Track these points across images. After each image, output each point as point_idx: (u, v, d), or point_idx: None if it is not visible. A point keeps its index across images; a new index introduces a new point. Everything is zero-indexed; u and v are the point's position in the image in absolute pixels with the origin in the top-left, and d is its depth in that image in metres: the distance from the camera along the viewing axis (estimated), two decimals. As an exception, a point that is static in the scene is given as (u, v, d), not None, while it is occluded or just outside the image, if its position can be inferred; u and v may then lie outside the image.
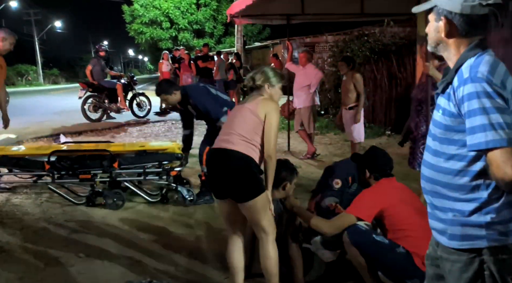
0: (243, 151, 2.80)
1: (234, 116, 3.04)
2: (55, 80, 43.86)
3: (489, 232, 1.64)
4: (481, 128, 1.53)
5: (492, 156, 1.53)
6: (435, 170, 1.76)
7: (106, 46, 12.32)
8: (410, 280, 2.74)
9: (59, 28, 52.18)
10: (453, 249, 1.72)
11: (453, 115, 1.67)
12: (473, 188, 1.65)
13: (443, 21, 1.72)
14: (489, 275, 1.66)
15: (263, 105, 2.92)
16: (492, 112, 1.52)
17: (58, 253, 3.89)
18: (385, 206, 2.83)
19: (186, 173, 5.66)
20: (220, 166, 2.87)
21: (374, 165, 3.12)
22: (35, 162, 4.93)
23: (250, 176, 2.81)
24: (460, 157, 1.67)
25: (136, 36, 30.00)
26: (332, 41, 13.15)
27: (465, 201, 1.67)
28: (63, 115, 12.35)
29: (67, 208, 5.07)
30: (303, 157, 7.46)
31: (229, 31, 29.04)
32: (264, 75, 3.06)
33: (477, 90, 1.56)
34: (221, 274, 3.47)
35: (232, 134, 2.87)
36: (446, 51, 1.76)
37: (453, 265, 1.73)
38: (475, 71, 1.59)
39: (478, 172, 1.64)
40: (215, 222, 4.59)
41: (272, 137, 2.86)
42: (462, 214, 1.68)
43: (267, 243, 2.90)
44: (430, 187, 1.79)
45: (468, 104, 1.58)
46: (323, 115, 11.66)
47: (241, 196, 2.82)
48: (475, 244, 1.66)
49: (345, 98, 6.68)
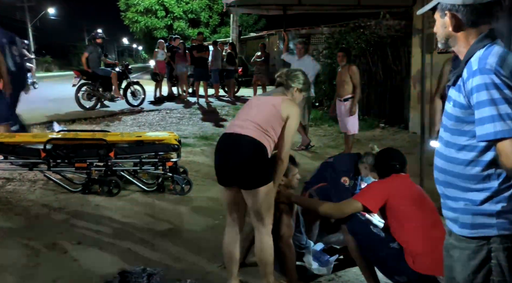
0: (257, 138, 2.77)
1: (253, 106, 3.03)
2: (48, 67, 43.46)
3: (499, 221, 1.68)
4: (490, 119, 1.56)
5: (501, 147, 1.56)
6: (447, 160, 1.79)
7: (102, 33, 12.21)
8: (399, 276, 2.80)
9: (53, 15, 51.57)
10: (463, 237, 1.76)
11: (463, 106, 1.70)
12: (484, 178, 1.69)
13: (447, 15, 1.75)
14: (496, 264, 1.70)
15: (288, 106, 2.93)
16: (501, 103, 1.55)
17: (52, 240, 3.91)
18: (389, 198, 2.87)
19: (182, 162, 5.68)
20: (231, 150, 2.82)
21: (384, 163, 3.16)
22: (31, 149, 4.92)
23: (261, 162, 2.78)
24: (471, 148, 1.71)
25: (130, 24, 29.78)
26: (328, 33, 13.13)
27: (477, 190, 1.71)
28: (56, 103, 12.27)
29: (61, 195, 5.09)
30: (297, 148, 7.49)
31: (224, 21, 28.91)
32: (298, 78, 3.11)
33: (485, 82, 1.59)
34: (215, 263, 3.51)
35: (248, 121, 2.86)
36: (456, 45, 1.80)
37: (462, 253, 1.78)
38: (484, 63, 1.62)
39: (489, 162, 1.67)
40: (209, 212, 4.63)
41: (290, 141, 2.90)
42: (473, 203, 1.72)
43: (264, 234, 2.92)
44: (443, 178, 1.83)
45: (477, 96, 1.60)
46: (317, 106, 11.70)
47: (249, 182, 2.80)
48: (485, 232, 1.70)
49: (341, 90, 6.71)
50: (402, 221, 2.83)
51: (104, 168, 5.01)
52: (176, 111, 11.60)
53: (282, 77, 3.12)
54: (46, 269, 3.44)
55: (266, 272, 2.98)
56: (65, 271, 3.41)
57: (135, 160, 5.06)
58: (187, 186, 5.19)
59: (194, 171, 6.05)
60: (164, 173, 5.10)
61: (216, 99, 14.19)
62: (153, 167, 5.07)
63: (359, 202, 2.91)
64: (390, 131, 9.26)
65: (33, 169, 5.02)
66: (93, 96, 11.33)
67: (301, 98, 3.17)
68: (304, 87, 3.13)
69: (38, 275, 3.34)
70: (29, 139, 5.16)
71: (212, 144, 7.46)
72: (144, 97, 12.20)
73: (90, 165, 4.95)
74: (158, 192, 5.22)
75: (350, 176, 3.87)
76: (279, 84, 3.14)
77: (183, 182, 5.16)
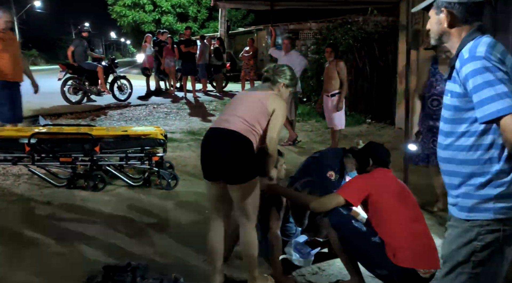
0: (243, 133, 2.79)
1: (239, 101, 3.06)
2: (34, 61, 42.90)
3: (496, 205, 1.77)
4: (490, 99, 1.65)
5: (504, 123, 1.64)
6: (450, 149, 1.88)
7: (88, 27, 12.09)
8: (380, 269, 2.84)
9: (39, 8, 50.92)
10: (460, 219, 1.86)
11: (460, 95, 1.80)
12: (486, 161, 1.79)
13: (444, 12, 1.87)
14: (481, 245, 1.80)
15: (274, 100, 2.96)
16: (497, 84, 1.66)
17: (35, 235, 3.89)
18: (371, 192, 2.90)
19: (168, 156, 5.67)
20: (218, 144, 2.83)
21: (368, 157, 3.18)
22: (15, 144, 4.87)
23: (247, 157, 2.80)
24: (470, 133, 1.80)
25: (118, 18, 29.57)
26: (316, 29, 13.15)
27: (479, 175, 1.79)
28: (42, 97, 12.03)
29: (46, 190, 5.06)
30: (284, 143, 7.52)
31: (213, 16, 28.81)
32: (285, 73, 3.12)
33: (478, 67, 1.70)
34: (200, 257, 3.52)
35: (235, 116, 2.87)
36: (450, 41, 1.92)
37: (453, 230, 1.90)
38: (474, 51, 1.75)
39: (489, 145, 1.77)
40: (195, 207, 4.64)
41: (277, 134, 2.92)
42: (474, 187, 1.81)
43: (248, 229, 2.94)
44: (447, 167, 1.92)
45: (472, 81, 1.71)
46: (305, 102, 11.73)
47: (235, 177, 2.80)
48: (482, 216, 1.80)
49: (328, 85, 6.73)
50: (384, 215, 2.86)
51: (90, 162, 4.99)
52: (164, 106, 11.55)
53: (269, 72, 3.14)
54: (30, 264, 3.42)
55: (251, 266, 3.01)
56: (49, 266, 3.39)
57: (121, 155, 5.03)
58: (173, 181, 5.20)
59: (181, 166, 6.05)
60: (150, 167, 5.09)
61: (204, 94, 14.14)
62: (139, 162, 5.05)
63: (341, 196, 2.95)
64: (376, 126, 9.33)
65: (17, 163, 4.97)
66: (79, 90, 11.23)
67: (288, 93, 3.19)
68: (291, 82, 3.15)
69: (22, 270, 3.32)
70: (13, 133, 5.10)
71: (199, 139, 7.44)
72: (131, 92, 12.13)
73: (75, 159, 4.92)
74: (144, 187, 5.21)
75: (336, 170, 3.90)
76: (266, 79, 3.16)
77: (169, 177, 5.15)
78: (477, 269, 1.82)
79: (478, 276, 1.83)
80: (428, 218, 3.87)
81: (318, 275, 3.33)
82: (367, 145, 3.34)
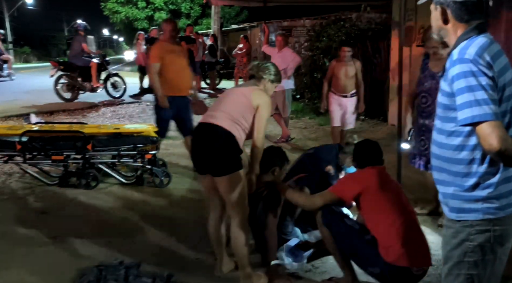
0: (226, 128, 2.90)
1: (225, 96, 3.19)
2: (26, 58, 42.55)
3: (485, 206, 1.79)
4: (468, 104, 1.67)
5: (479, 130, 1.65)
6: (440, 146, 1.90)
7: (86, 25, 11.91)
8: (372, 267, 2.84)
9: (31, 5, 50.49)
10: (452, 219, 1.88)
11: (448, 94, 1.81)
12: (470, 161, 1.79)
13: (438, 9, 1.87)
14: (473, 246, 1.82)
15: (258, 95, 3.07)
16: (477, 90, 1.66)
17: (27, 234, 3.87)
18: (363, 189, 2.90)
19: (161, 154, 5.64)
20: (203, 139, 2.97)
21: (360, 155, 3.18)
22: (6, 142, 4.83)
23: (228, 151, 2.90)
24: (458, 133, 1.81)
25: (111, 15, 29.33)
26: (309, 25, 13.13)
27: (464, 175, 1.81)
28: (34, 94, 12.06)
29: (38, 188, 5.02)
30: (277, 140, 7.50)
31: (206, 13, 28.65)
32: (269, 69, 3.23)
33: (464, 70, 1.70)
34: (193, 255, 3.51)
35: (220, 111, 2.99)
36: (447, 37, 1.91)
37: (447, 231, 1.93)
38: (463, 53, 1.74)
39: (473, 146, 1.78)
40: (188, 204, 4.62)
41: (262, 128, 3.03)
42: (461, 189, 1.82)
43: (235, 226, 2.99)
44: (437, 163, 1.93)
45: (457, 84, 1.72)
46: (298, 99, 11.71)
47: (216, 169, 2.92)
48: (471, 216, 1.82)
49: (347, 85, 6.41)
50: (376, 212, 2.86)
51: (82, 160, 4.96)
52: (157, 103, 11.46)
53: (254, 70, 3.27)
54: (22, 263, 3.40)
55: (242, 264, 3.04)
56: (41, 265, 3.37)
57: (113, 153, 5.01)
58: (166, 179, 5.18)
59: (174, 163, 6.03)
60: (143, 165, 5.07)
61: (197, 91, 14.06)
62: (131, 160, 5.04)
63: (334, 193, 2.95)
64: (370, 123, 9.34)
65: (8, 161, 4.94)
66: (72, 87, 11.15)
67: (274, 88, 3.31)
68: (276, 78, 3.26)
69: (13, 269, 3.30)
70: (4, 131, 5.06)
71: (192, 137, 7.42)
72: (125, 88, 12.05)
73: (67, 157, 4.89)
74: (137, 185, 5.18)
75: (333, 165, 3.93)
76: (251, 76, 3.28)
77: (162, 174, 5.14)
78: (473, 270, 1.83)
79: (474, 277, 1.84)
80: (420, 215, 3.88)
81: (311, 273, 3.33)
82: (361, 143, 3.34)
